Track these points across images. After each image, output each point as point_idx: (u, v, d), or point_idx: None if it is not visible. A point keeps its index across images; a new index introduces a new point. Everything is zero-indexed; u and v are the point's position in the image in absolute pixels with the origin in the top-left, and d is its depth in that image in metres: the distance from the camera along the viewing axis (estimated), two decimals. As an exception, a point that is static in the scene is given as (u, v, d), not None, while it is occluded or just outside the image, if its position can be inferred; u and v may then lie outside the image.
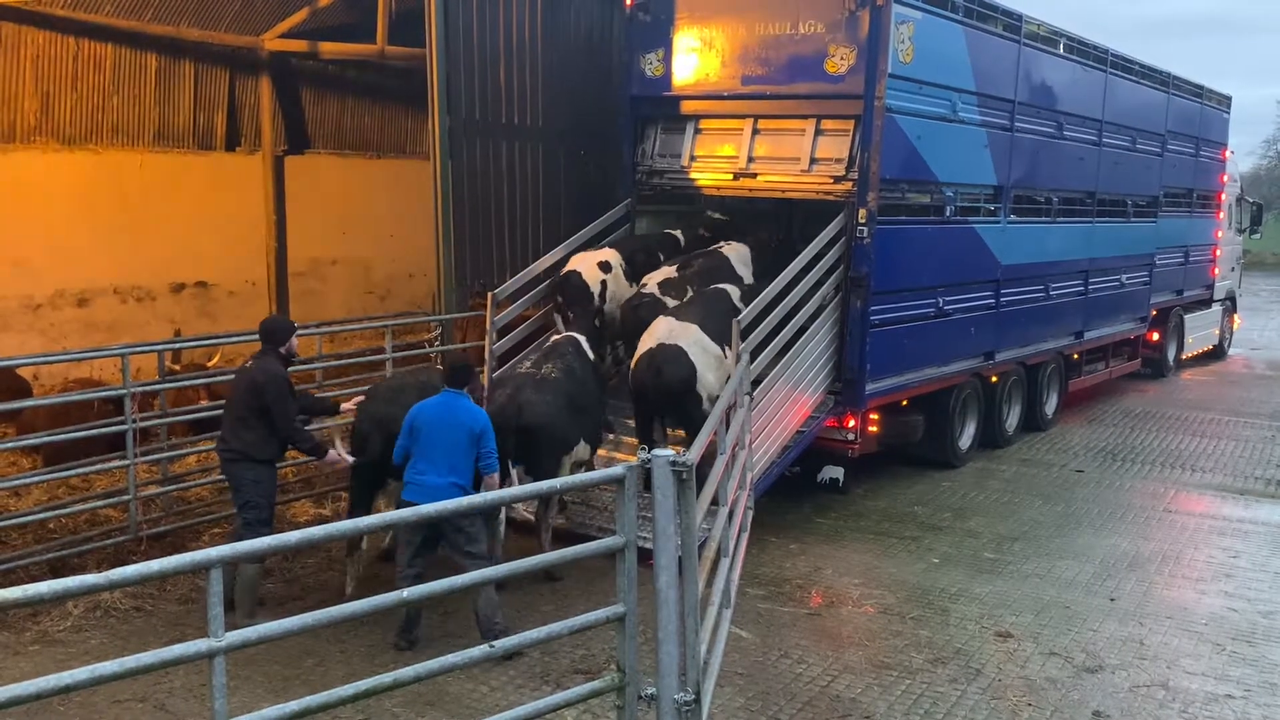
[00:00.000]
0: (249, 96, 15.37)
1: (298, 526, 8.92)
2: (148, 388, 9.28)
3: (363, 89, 16.72)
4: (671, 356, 9.20)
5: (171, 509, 9.35)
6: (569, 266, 10.84)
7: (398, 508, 7.20)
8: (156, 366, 9.64)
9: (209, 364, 11.75)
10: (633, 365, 9.46)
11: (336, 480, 10.46)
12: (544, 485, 7.52)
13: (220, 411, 9.82)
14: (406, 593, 4.58)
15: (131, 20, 13.54)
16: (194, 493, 9.81)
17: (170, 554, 7.28)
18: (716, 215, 12.07)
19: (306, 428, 8.04)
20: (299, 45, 14.97)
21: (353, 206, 16.54)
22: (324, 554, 8.73)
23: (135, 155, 14.05)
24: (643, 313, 10.02)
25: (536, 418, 8.19)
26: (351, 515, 8.06)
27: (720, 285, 10.30)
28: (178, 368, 11.07)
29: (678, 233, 11.73)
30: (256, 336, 7.76)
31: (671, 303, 10.13)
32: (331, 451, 7.77)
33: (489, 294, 10.45)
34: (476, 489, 7.16)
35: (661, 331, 9.41)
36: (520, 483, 8.05)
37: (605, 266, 10.81)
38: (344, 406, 8.14)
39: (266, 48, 15.03)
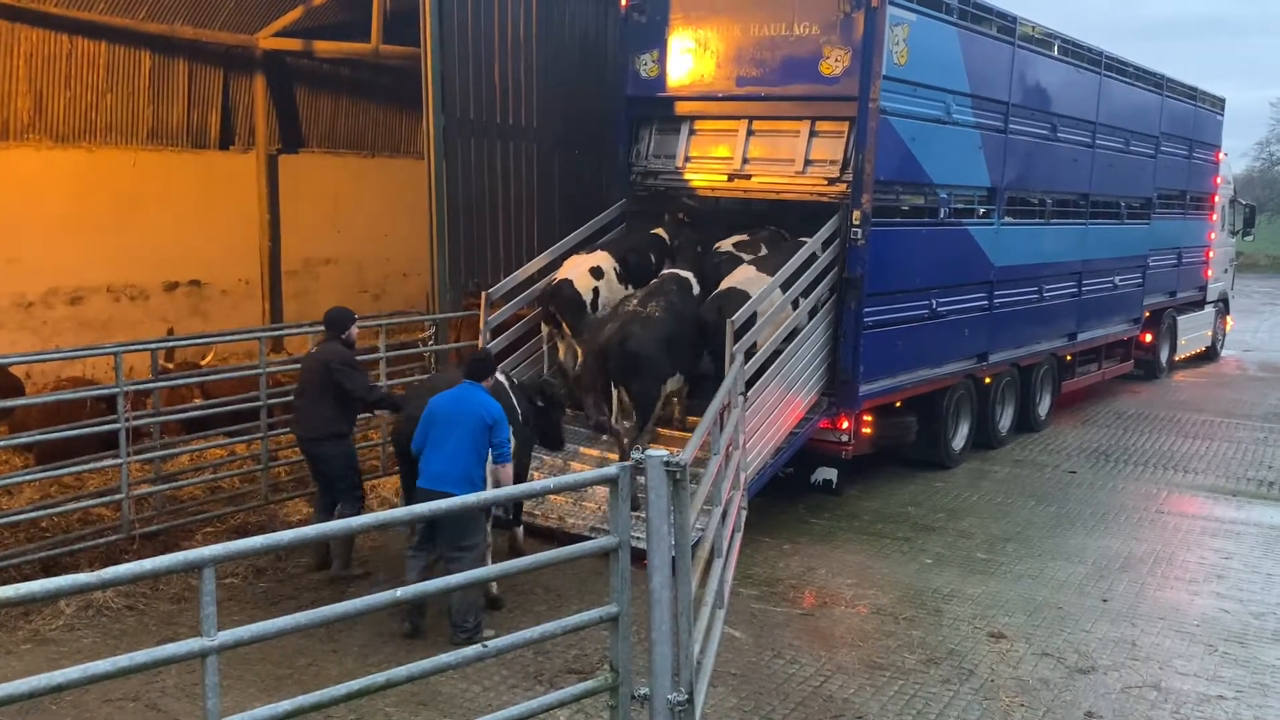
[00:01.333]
0: (243, 95, 15.35)
1: (291, 525, 8.92)
2: (141, 386, 9.28)
3: (357, 88, 16.70)
4: (737, 300, 9.53)
5: (164, 508, 9.33)
6: (560, 274, 10.62)
7: (409, 498, 7.56)
8: (149, 365, 9.61)
9: (202, 362, 11.73)
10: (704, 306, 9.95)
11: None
12: (537, 485, 7.64)
13: (215, 411, 9.92)
14: (400, 592, 4.56)
15: (125, 18, 13.52)
16: (187, 491, 9.81)
17: (163, 553, 7.29)
18: (690, 201, 11.87)
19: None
20: (293, 44, 14.96)
21: (346, 205, 16.53)
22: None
23: (129, 153, 14.03)
24: (723, 269, 10.51)
25: (639, 345, 9.23)
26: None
27: (799, 239, 10.59)
28: (171, 366, 11.05)
29: (661, 230, 11.46)
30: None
31: (748, 258, 10.62)
32: None
33: (483, 293, 10.41)
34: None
35: (740, 277, 9.99)
36: (622, 405, 9.29)
37: (597, 272, 10.61)
38: None
39: (261, 46, 15.02)
